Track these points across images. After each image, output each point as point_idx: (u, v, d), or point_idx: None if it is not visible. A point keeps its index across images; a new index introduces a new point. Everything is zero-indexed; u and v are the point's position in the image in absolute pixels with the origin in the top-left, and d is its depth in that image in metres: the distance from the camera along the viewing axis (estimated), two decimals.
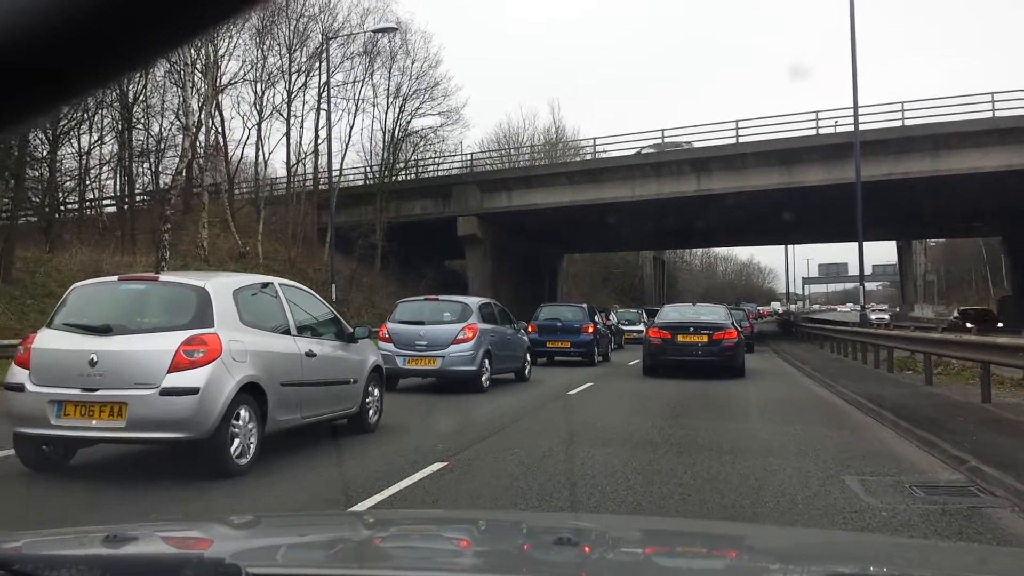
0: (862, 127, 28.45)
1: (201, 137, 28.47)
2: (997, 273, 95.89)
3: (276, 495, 5.62)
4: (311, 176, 34.61)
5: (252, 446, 6.19)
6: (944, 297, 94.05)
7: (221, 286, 6.43)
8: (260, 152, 34.20)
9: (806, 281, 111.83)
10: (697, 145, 30.96)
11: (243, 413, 6.10)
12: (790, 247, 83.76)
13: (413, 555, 1.94)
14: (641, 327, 28.29)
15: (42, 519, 4.85)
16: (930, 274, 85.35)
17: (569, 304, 22.94)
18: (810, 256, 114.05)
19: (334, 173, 34.22)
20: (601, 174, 32.01)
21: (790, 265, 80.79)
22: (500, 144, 44.60)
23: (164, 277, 7.15)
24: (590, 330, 19.23)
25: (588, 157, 34.65)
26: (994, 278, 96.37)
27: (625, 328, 28.70)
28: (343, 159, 34.59)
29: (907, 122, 28.10)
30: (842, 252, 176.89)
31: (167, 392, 5.74)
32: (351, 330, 8.10)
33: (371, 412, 8.37)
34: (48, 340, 6.17)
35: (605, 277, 67.78)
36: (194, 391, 5.78)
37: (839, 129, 28.70)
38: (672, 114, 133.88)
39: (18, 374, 6.10)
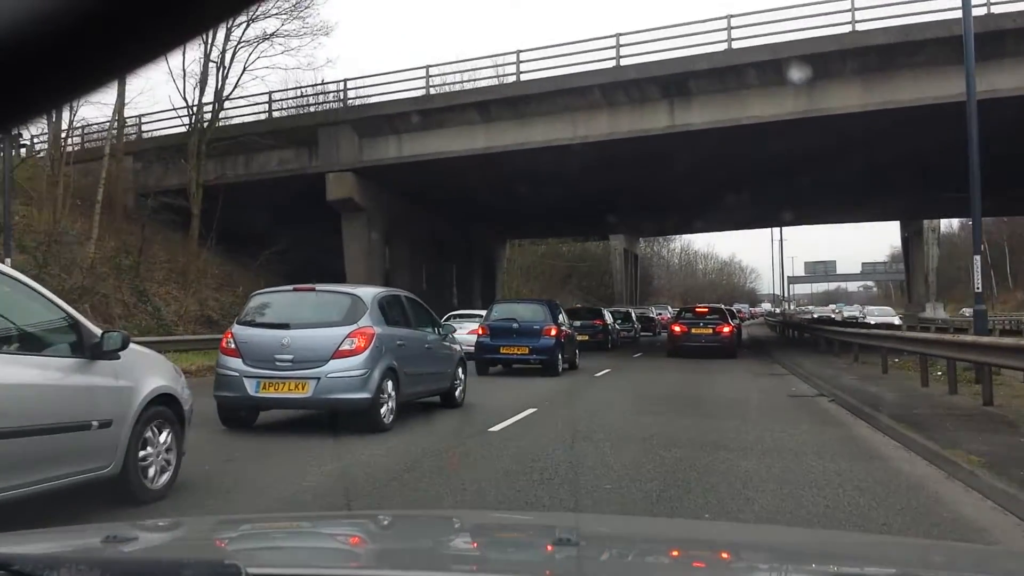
0: (913, 20, 18.57)
1: None
2: (1000, 269, 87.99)
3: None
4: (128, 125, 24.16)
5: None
6: (938, 296, 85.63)
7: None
8: None
9: (791, 280, 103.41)
10: (672, 57, 20.64)
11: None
12: (778, 239, 74.91)
13: (414, 555, 1.92)
14: (630, 327, 32.58)
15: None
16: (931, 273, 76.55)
17: (527, 301, 19.88)
18: (794, 254, 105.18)
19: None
20: (527, 104, 21.59)
21: (775, 262, 71.88)
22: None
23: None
24: (553, 332, 16.43)
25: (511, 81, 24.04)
26: (998, 274, 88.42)
27: (618, 328, 29.67)
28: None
29: (994, 8, 18.12)
30: (828, 251, 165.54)
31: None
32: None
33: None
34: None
35: (567, 274, 58.86)
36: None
37: (886, 24, 18.68)
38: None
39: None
